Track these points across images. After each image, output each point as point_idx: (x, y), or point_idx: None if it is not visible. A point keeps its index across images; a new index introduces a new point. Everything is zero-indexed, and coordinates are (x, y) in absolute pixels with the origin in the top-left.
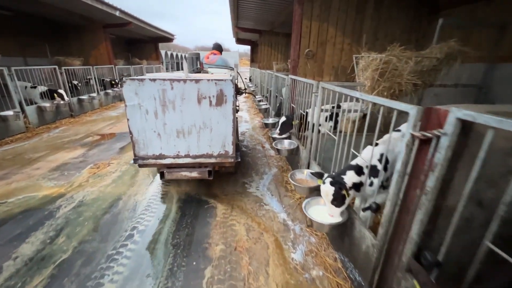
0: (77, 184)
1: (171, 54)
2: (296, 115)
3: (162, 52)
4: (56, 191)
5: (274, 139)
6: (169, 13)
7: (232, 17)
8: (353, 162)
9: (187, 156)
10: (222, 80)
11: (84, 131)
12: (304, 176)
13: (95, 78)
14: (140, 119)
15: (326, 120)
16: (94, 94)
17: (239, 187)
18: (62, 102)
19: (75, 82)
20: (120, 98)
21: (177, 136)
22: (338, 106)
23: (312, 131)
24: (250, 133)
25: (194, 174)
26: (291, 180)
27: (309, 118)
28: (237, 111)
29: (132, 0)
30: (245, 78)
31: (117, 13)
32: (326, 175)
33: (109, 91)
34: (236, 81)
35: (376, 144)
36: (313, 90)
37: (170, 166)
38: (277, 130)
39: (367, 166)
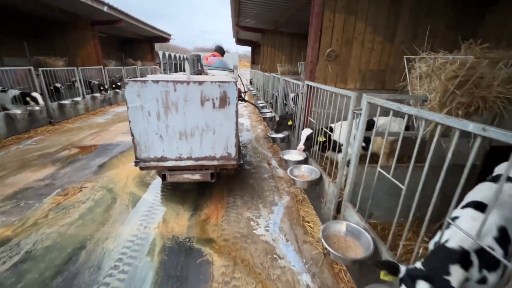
0: (32, 222)
1: (169, 55)
2: (314, 131)
3: (160, 53)
4: (0, 234)
5: (286, 162)
6: (168, 14)
7: (233, 15)
8: (452, 243)
9: (189, 158)
10: (225, 82)
11: (61, 142)
12: (342, 231)
13: (80, 80)
14: (142, 121)
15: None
16: (79, 98)
17: (243, 226)
18: (36, 107)
19: (58, 85)
20: (109, 102)
21: (179, 138)
22: (370, 123)
23: (337, 151)
24: (253, 145)
25: (197, 176)
26: (325, 244)
27: (335, 137)
28: None
29: (130, 1)
30: (246, 80)
31: (105, 9)
32: (403, 268)
33: (97, 94)
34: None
35: (483, 208)
36: (352, 105)
37: (172, 169)
38: (301, 145)
39: (476, 250)
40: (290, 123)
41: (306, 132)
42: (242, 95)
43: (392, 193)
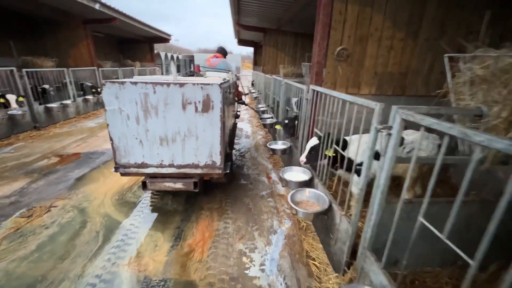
0: None
1: (171, 56)
2: (322, 143)
3: (162, 54)
4: None
5: (287, 182)
6: (172, 15)
7: (233, 12)
8: None
9: (171, 165)
10: (208, 84)
11: (42, 149)
12: None
13: (71, 82)
14: (120, 125)
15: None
16: (68, 101)
17: (233, 264)
18: (19, 111)
19: (46, 87)
20: (103, 105)
21: (160, 143)
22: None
23: (353, 173)
24: (252, 154)
25: (179, 185)
26: None
27: (350, 153)
28: (238, 116)
29: (135, 2)
30: (247, 82)
31: (97, 6)
32: None
33: (89, 97)
34: (238, 86)
35: None
36: (376, 120)
37: (153, 176)
38: (303, 157)
39: None
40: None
41: (311, 142)
42: (243, 97)
43: (425, 235)
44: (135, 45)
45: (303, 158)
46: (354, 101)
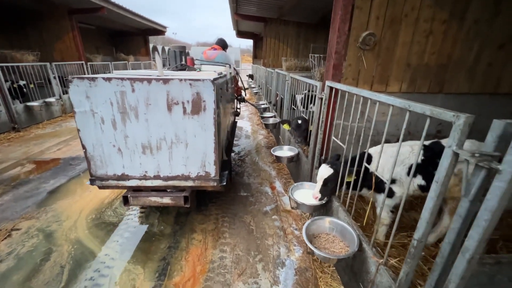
0: None
1: (169, 50)
2: (338, 160)
3: (159, 48)
4: None
5: (298, 204)
6: (169, 9)
7: (231, 0)
8: None
9: (156, 177)
10: (199, 80)
11: (18, 154)
12: None
13: (55, 77)
14: (94, 130)
15: (412, 173)
16: (52, 99)
17: None
18: None
19: (22, 83)
20: None
21: (143, 152)
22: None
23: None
24: (253, 157)
25: (166, 200)
26: None
27: (378, 169)
28: (238, 114)
29: None
30: (246, 75)
31: None
32: None
33: None
34: (238, 81)
35: None
36: (456, 143)
37: (136, 189)
38: (316, 193)
39: None
40: (311, 128)
41: (324, 172)
42: (242, 92)
43: None
44: (128, 38)
45: (316, 194)
46: (407, 107)
